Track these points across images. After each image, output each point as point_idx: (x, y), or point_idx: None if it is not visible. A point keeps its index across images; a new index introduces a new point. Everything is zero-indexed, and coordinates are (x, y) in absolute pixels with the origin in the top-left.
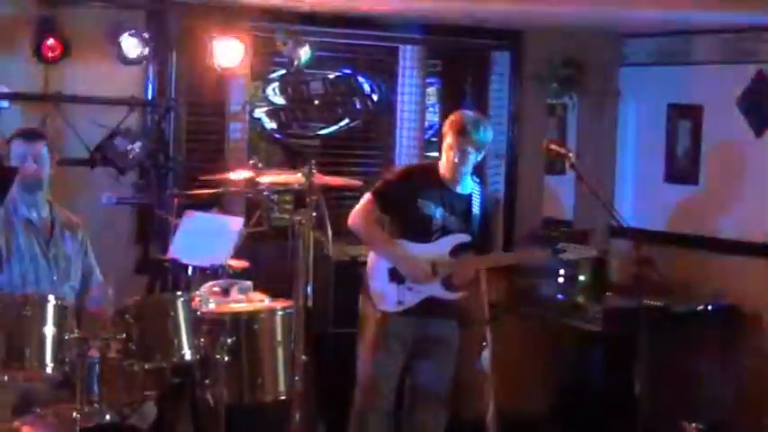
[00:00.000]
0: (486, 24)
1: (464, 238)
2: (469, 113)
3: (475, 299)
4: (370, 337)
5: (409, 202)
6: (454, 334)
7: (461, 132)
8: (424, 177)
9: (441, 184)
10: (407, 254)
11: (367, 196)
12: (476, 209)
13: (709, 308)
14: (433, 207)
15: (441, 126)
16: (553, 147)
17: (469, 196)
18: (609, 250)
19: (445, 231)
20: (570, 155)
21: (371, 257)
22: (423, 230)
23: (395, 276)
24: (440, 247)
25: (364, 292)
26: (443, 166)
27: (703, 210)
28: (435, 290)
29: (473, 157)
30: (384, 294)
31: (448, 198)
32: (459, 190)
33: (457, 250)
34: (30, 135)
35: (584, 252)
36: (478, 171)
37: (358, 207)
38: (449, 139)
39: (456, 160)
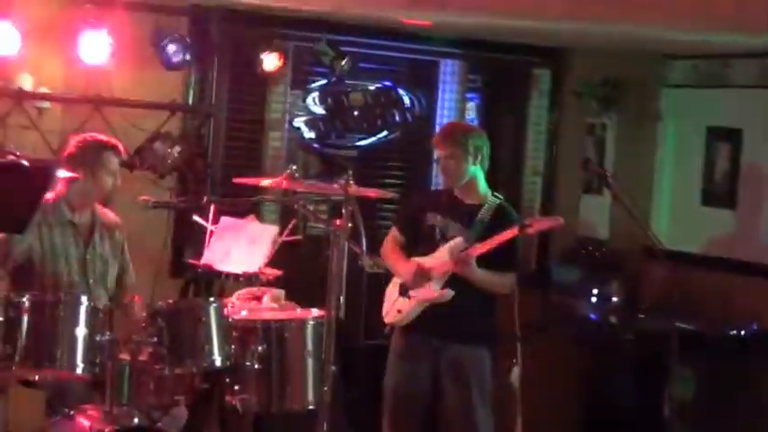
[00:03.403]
0: (527, 41)
1: (458, 240)
2: (447, 124)
3: (506, 317)
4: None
5: (419, 218)
6: (478, 359)
7: (432, 143)
8: (435, 195)
9: (449, 198)
10: (405, 262)
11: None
12: (484, 218)
13: (743, 333)
14: (438, 218)
15: None
16: (590, 165)
17: (478, 207)
18: (642, 271)
19: (447, 239)
20: (607, 174)
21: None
22: (429, 242)
23: (402, 290)
24: (441, 254)
25: None
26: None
27: (739, 234)
28: (429, 293)
29: (452, 164)
30: (387, 307)
31: (452, 208)
32: (466, 201)
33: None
34: (119, 152)
35: (548, 222)
36: (514, 186)
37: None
38: None
39: (439, 170)
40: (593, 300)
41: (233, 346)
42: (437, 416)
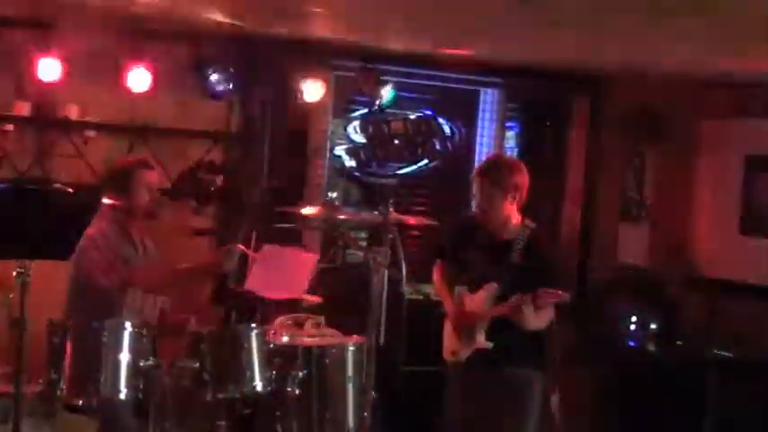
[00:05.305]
0: (566, 70)
1: (492, 287)
2: (490, 157)
3: (546, 345)
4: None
5: (457, 250)
6: (527, 378)
7: (472, 176)
8: (468, 228)
9: (482, 232)
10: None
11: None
12: (515, 259)
13: None
14: (472, 253)
15: None
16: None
17: (511, 242)
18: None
19: (484, 280)
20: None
21: None
22: (467, 277)
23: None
24: (479, 299)
25: None
26: None
27: None
28: (474, 343)
29: (487, 202)
30: (446, 343)
31: (484, 244)
32: (498, 236)
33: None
34: (149, 165)
35: (555, 297)
36: (553, 215)
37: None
38: None
39: (475, 204)
40: (633, 327)
41: (274, 372)
42: None
